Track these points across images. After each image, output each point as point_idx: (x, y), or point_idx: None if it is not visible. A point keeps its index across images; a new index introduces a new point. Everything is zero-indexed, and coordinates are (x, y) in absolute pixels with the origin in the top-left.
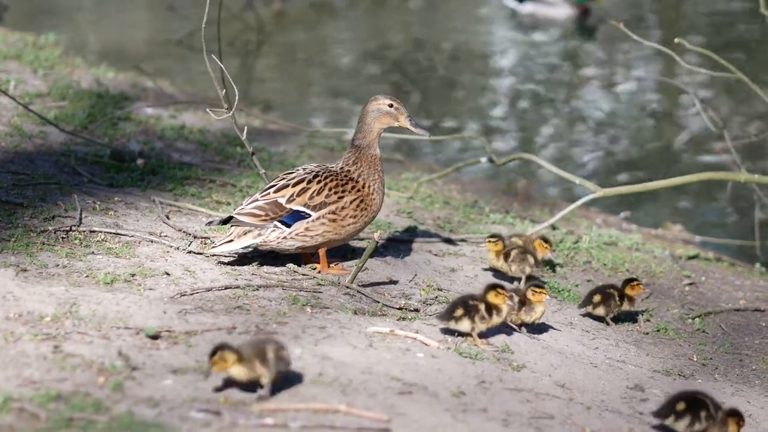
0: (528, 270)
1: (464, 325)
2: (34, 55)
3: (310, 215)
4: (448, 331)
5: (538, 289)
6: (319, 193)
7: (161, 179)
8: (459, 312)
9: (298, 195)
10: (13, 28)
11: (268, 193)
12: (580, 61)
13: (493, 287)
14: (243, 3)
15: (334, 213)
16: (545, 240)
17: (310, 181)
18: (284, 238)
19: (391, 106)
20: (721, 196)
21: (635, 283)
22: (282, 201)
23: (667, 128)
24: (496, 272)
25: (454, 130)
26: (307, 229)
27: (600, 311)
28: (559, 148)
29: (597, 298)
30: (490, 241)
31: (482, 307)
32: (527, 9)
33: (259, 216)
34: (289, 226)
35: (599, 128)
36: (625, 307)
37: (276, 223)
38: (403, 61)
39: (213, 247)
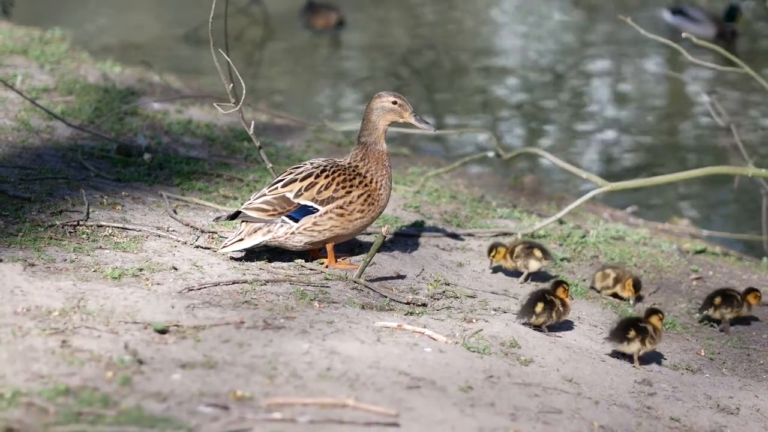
0: (534, 265)
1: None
2: (40, 50)
3: (317, 210)
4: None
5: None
6: (327, 188)
7: (168, 174)
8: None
9: (306, 189)
10: (20, 23)
11: (276, 188)
12: (587, 56)
13: (559, 284)
14: None
15: (341, 207)
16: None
17: (317, 176)
18: (292, 233)
19: (395, 102)
20: (729, 191)
21: (758, 293)
22: (290, 196)
23: (674, 122)
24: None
25: (461, 125)
26: (314, 223)
27: (718, 314)
28: (566, 142)
29: (718, 300)
30: (493, 255)
31: (558, 302)
32: (675, 22)
33: (267, 211)
34: (297, 221)
35: (606, 122)
36: (744, 311)
37: (284, 218)
38: (410, 55)
39: (223, 246)
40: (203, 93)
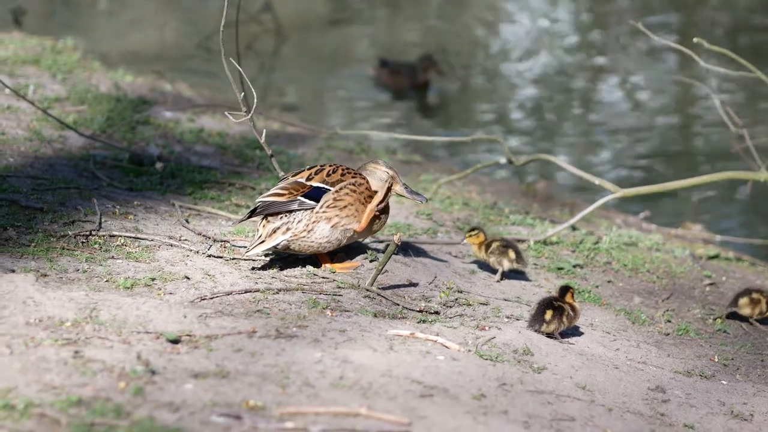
0: (507, 264)
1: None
2: (52, 59)
3: (330, 190)
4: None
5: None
6: (334, 172)
7: (180, 183)
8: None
9: (316, 174)
10: (32, 32)
11: (287, 178)
12: (598, 62)
13: (566, 289)
14: (261, 5)
15: (353, 185)
16: None
17: (322, 165)
18: (315, 221)
19: (388, 173)
20: (742, 196)
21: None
22: (302, 180)
23: (686, 128)
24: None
25: (472, 131)
26: (335, 199)
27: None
28: (578, 148)
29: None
30: (470, 235)
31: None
32: None
33: (283, 195)
34: (316, 200)
35: (618, 128)
36: None
37: (301, 198)
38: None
39: (247, 251)
40: (215, 102)
